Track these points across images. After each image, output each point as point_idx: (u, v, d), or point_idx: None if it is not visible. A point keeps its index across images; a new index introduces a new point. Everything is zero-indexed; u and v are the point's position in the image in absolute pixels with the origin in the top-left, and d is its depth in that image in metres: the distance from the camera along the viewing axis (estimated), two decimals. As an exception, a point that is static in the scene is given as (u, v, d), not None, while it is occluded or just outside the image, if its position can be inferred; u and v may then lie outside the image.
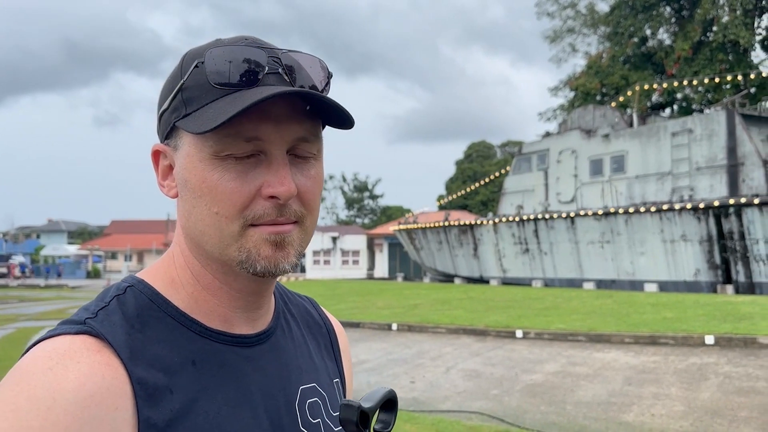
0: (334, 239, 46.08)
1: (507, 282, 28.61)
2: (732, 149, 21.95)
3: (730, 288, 20.24)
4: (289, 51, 0.77)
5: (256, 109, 0.70)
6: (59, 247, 65.02)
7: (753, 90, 32.54)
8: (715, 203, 20.42)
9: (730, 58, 34.25)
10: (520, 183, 30.95)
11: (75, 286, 39.76)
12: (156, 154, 0.80)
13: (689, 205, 21.18)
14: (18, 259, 51.54)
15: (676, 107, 39.29)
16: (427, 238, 33.55)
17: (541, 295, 19.96)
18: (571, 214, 25.27)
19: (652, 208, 22.32)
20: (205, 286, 0.79)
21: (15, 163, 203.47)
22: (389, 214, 66.71)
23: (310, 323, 0.96)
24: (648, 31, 37.77)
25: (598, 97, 38.79)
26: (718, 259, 20.91)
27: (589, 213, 24.54)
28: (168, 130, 0.78)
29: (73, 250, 62.95)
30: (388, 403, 0.93)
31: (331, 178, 69.80)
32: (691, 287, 21.45)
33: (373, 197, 72.76)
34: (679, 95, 38.34)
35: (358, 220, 71.47)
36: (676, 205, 21.59)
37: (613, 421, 6.79)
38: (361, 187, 71.98)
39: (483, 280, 30.09)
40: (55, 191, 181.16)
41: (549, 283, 26.76)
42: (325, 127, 0.80)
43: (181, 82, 0.75)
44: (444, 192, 61.76)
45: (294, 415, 0.81)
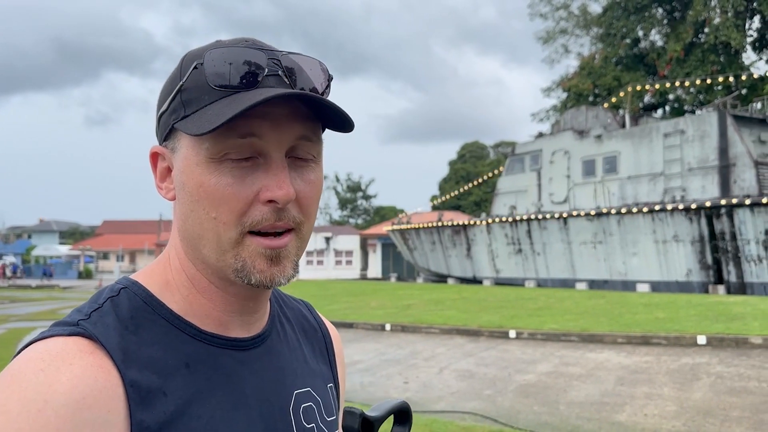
0: (328, 239, 46.04)
1: (500, 282, 28.67)
2: (723, 150, 22.07)
3: (721, 288, 20.35)
4: (290, 53, 0.76)
5: (255, 111, 0.70)
6: (51, 247, 64.63)
7: (744, 91, 32.74)
8: (707, 204, 20.52)
9: (722, 59, 34.44)
10: (513, 183, 31.02)
11: (66, 287, 39.56)
12: (154, 156, 0.79)
13: (681, 205, 21.28)
14: (9, 259, 51.26)
15: (668, 108, 39.47)
16: (420, 238, 33.58)
17: (534, 296, 20.00)
18: (564, 214, 25.34)
19: (645, 209, 22.41)
20: (200, 289, 0.78)
21: (6, 163, 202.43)
22: (382, 214, 66.74)
23: (305, 327, 0.95)
24: (640, 33, 37.93)
25: (591, 98, 38.92)
26: (709, 259, 21.01)
27: (582, 213, 24.62)
28: (167, 132, 0.77)
29: (64, 250, 62.60)
30: (402, 415, 0.91)
31: (324, 178, 69.44)
32: (683, 287, 21.55)
33: (367, 197, 72.76)
34: (671, 96, 38.53)
35: (352, 221, 71.45)
36: (668, 206, 21.68)
37: (605, 421, 6.81)
38: (355, 188, 71.97)
39: (476, 281, 30.14)
40: (46, 191, 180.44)
41: (542, 283, 26.83)
42: (325, 130, 0.79)
43: (180, 83, 0.74)
44: (437, 192, 61.88)
45: (288, 420, 0.81)
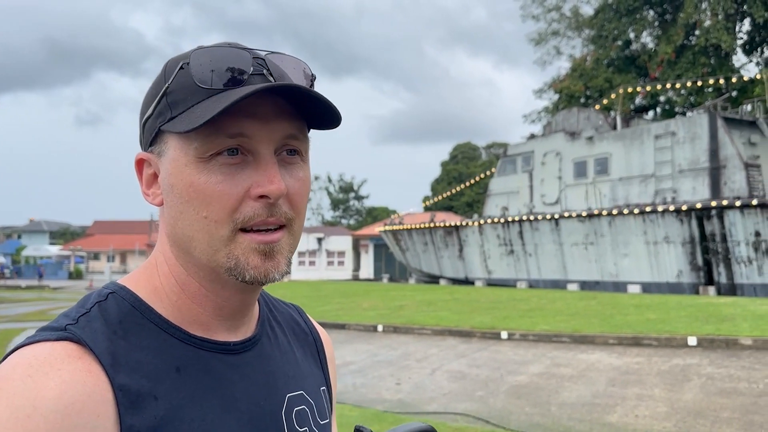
0: (320, 240, 45.99)
1: (492, 283, 28.72)
2: (714, 152, 22.20)
3: (712, 289, 20.46)
4: (273, 53, 0.76)
5: (243, 110, 0.70)
6: (41, 248, 64.22)
7: (734, 93, 32.94)
8: (698, 205, 20.64)
9: (712, 61, 34.64)
10: (505, 185, 31.09)
11: (57, 288, 39.33)
12: (140, 163, 0.79)
13: (672, 207, 21.40)
14: (-1, 259, 50.91)
15: (659, 110, 39.66)
16: (412, 239, 33.60)
17: (526, 297, 20.05)
18: (556, 215, 25.42)
19: (636, 210, 22.52)
20: (190, 294, 0.77)
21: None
22: (375, 215, 66.72)
23: (296, 331, 0.94)
24: (632, 35, 38.11)
25: (582, 100, 39.06)
26: (700, 260, 21.13)
27: (573, 215, 24.71)
28: (152, 137, 0.76)
29: (55, 250, 62.21)
30: None
31: (316, 178, 69.63)
32: (673, 288, 21.66)
33: (359, 198, 72.75)
34: (662, 98, 38.72)
35: (344, 221, 71.40)
36: (659, 207, 21.79)
37: (597, 423, 6.83)
38: (347, 188, 71.93)
39: (468, 281, 30.18)
40: (37, 191, 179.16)
41: (533, 284, 26.90)
42: (310, 129, 0.79)
43: (166, 86, 0.74)
44: (429, 193, 61.94)
45: (280, 424, 0.80)
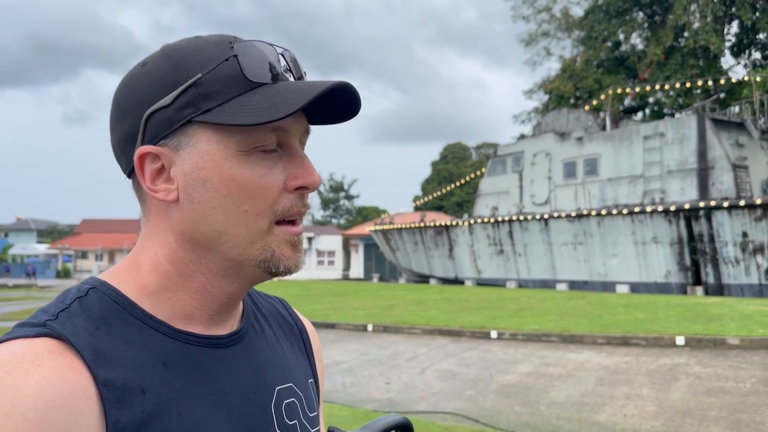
0: (310, 240, 45.92)
1: (482, 283, 28.80)
2: (702, 153, 22.37)
3: (699, 289, 20.62)
4: (278, 47, 0.78)
5: None
6: (28, 246, 63.75)
7: (722, 95, 33.20)
8: (686, 206, 20.79)
9: (701, 63, 34.90)
10: (495, 185, 31.18)
11: (44, 286, 39.05)
12: (143, 158, 0.74)
13: (660, 207, 21.54)
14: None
15: (648, 111, 39.92)
16: (402, 238, 33.62)
17: (516, 296, 20.11)
18: (545, 215, 25.52)
19: (624, 211, 22.65)
20: (191, 290, 0.76)
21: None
22: (365, 214, 66.73)
23: (282, 323, 0.94)
24: (621, 36, 38.32)
25: (572, 101, 39.24)
26: (688, 260, 21.28)
27: (563, 215, 24.82)
28: (168, 130, 0.73)
29: (42, 249, 61.78)
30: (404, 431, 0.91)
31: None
32: (661, 288, 21.81)
33: (349, 197, 72.72)
34: (651, 99, 38.98)
35: (334, 221, 71.34)
36: (648, 208, 21.93)
37: (586, 422, 6.86)
38: (337, 188, 71.88)
39: (458, 281, 30.24)
40: (24, 189, 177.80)
41: (523, 284, 27.00)
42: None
43: (198, 76, 0.71)
44: (420, 193, 62.01)
45: (270, 417, 0.79)
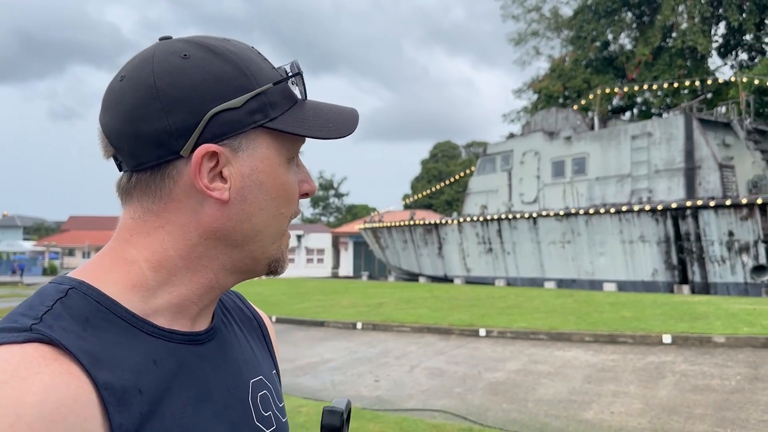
0: (299, 237, 45.84)
1: (470, 281, 28.87)
2: (689, 153, 22.54)
3: (686, 288, 20.77)
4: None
5: None
6: (14, 243, 63.13)
7: (710, 95, 33.46)
8: (673, 205, 20.94)
9: (689, 63, 35.16)
10: (485, 183, 31.26)
11: (31, 284, 38.73)
12: (203, 156, 0.73)
13: (648, 206, 21.67)
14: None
15: (636, 111, 40.16)
16: (392, 237, 33.63)
17: (504, 294, 20.18)
18: (534, 214, 25.62)
19: (612, 210, 22.77)
20: (196, 285, 0.77)
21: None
22: (354, 212, 66.70)
23: (242, 317, 0.95)
24: (610, 36, 38.51)
25: (561, 100, 39.40)
26: (675, 259, 21.44)
27: (551, 214, 24.92)
28: (234, 132, 0.74)
29: (29, 246, 61.22)
30: (348, 414, 0.95)
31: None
32: (648, 287, 21.96)
33: (339, 195, 72.63)
34: (639, 99, 39.21)
35: (323, 219, 71.23)
36: (635, 207, 22.07)
37: (573, 419, 6.91)
38: (327, 185, 71.75)
39: (447, 279, 30.30)
40: (10, 186, 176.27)
41: (511, 282, 27.09)
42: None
43: (269, 86, 0.76)
44: (409, 191, 62.04)
45: (249, 410, 0.81)
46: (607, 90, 33.00)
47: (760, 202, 18.96)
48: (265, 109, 0.75)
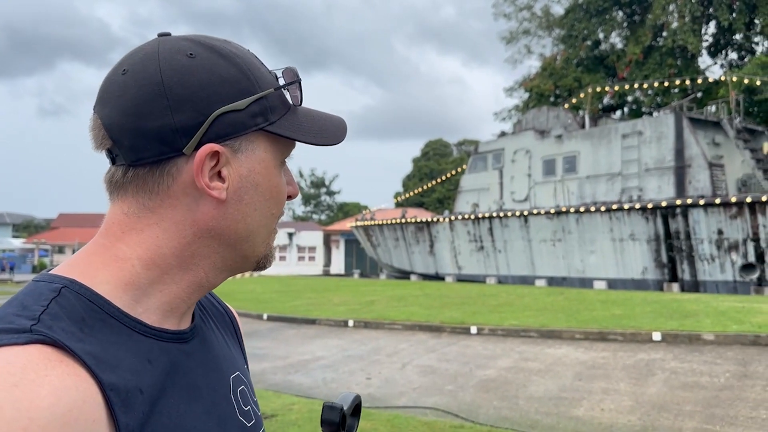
0: (290, 235, 45.78)
1: (462, 279, 28.92)
2: (679, 151, 22.67)
3: (676, 286, 20.90)
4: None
5: None
6: (3, 241, 62.65)
7: (700, 94, 33.65)
8: (663, 204, 21.05)
9: (679, 63, 35.35)
10: (476, 181, 31.31)
11: (20, 281, 38.49)
12: (205, 155, 0.74)
13: (638, 205, 21.78)
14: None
15: (626, 110, 40.34)
16: (383, 234, 33.64)
17: (495, 292, 20.24)
18: (525, 212, 25.69)
19: (602, 208, 22.87)
20: (187, 283, 0.78)
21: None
22: (346, 210, 66.66)
23: (215, 313, 0.96)
24: (601, 35, 38.66)
25: (552, 99, 39.51)
26: (664, 257, 21.56)
27: (542, 212, 25.00)
28: (236, 133, 0.75)
29: (18, 243, 60.82)
30: (356, 408, 0.95)
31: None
32: (638, 285, 22.07)
33: (330, 193, 72.52)
34: (629, 98, 39.38)
35: (315, 216, 71.12)
36: (625, 205, 22.17)
37: (564, 416, 6.94)
38: (318, 183, 71.66)
39: (438, 277, 30.34)
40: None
41: (502, 280, 27.16)
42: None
43: (270, 90, 0.78)
44: (401, 189, 62.03)
45: (232, 405, 0.82)
46: (598, 89, 33.14)
47: (749, 200, 19.10)
48: (266, 113, 0.77)
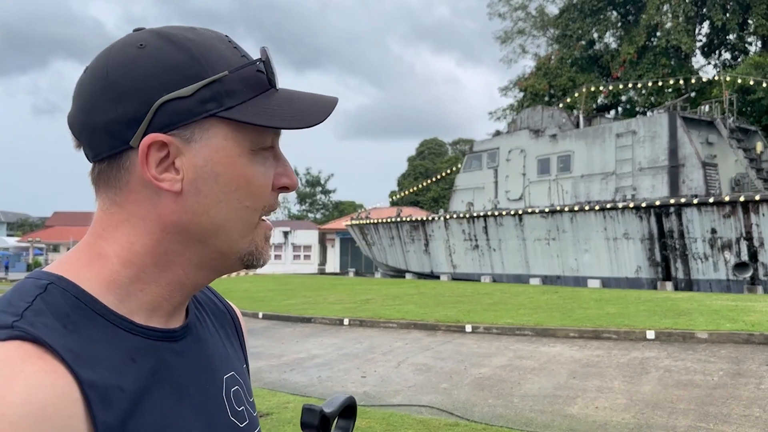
0: (286, 234, 45.76)
1: (457, 277, 28.96)
2: (673, 151, 22.77)
3: (669, 285, 21.00)
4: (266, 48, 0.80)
5: None
6: (-3, 239, 62.43)
7: (693, 94, 33.79)
8: (657, 203, 21.14)
9: (673, 62, 35.48)
10: (471, 180, 31.37)
11: (15, 280, 38.34)
12: (151, 146, 0.71)
13: (632, 204, 21.87)
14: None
15: (620, 109, 40.46)
16: (379, 233, 33.66)
17: (490, 291, 20.28)
18: (519, 211, 25.76)
19: (596, 207, 22.95)
20: (166, 281, 0.76)
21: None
22: (341, 209, 66.69)
23: (215, 311, 0.95)
24: (595, 35, 38.79)
25: (547, 98, 39.61)
26: (658, 256, 21.66)
27: (537, 211, 25.07)
28: (184, 121, 0.72)
29: (12, 242, 60.56)
30: (348, 410, 0.96)
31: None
32: (632, 284, 22.16)
33: (326, 192, 72.54)
34: (623, 98, 39.52)
35: (310, 215, 71.09)
36: (619, 204, 22.26)
37: (558, 414, 6.98)
38: (314, 182, 71.65)
39: (433, 276, 30.37)
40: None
41: (497, 278, 27.22)
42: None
43: (225, 73, 0.73)
44: (396, 188, 62.10)
45: (223, 406, 0.81)
46: (592, 88, 33.25)
47: (742, 200, 19.20)
48: (219, 98, 0.72)
